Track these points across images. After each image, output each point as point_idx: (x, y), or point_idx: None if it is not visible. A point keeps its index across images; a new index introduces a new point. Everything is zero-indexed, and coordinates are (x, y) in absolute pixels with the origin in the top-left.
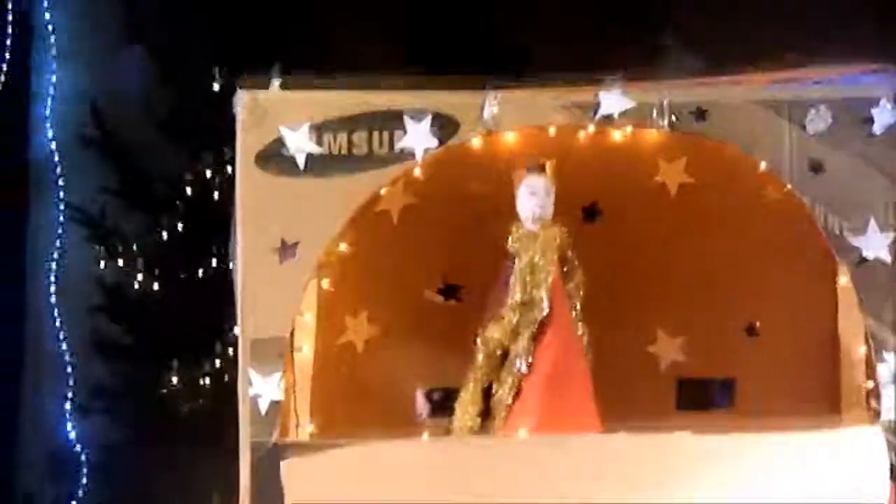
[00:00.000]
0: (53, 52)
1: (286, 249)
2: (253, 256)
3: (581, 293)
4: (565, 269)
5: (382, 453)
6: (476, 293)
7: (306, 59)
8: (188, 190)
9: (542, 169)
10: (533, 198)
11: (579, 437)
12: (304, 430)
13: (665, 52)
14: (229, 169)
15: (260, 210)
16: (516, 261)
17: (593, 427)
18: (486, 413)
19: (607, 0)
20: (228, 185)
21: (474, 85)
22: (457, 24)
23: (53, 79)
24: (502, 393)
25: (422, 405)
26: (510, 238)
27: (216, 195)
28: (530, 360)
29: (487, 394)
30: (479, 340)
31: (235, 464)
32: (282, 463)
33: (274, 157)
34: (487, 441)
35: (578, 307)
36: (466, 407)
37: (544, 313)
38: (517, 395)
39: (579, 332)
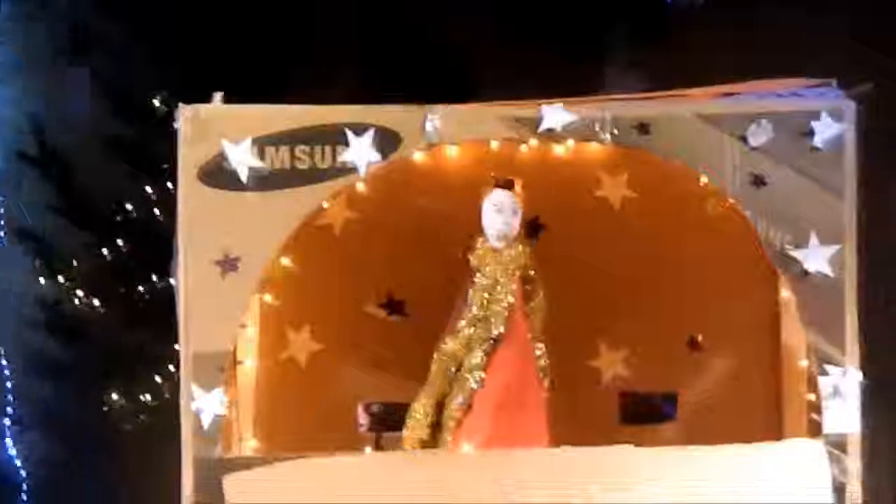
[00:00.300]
0: None
1: (228, 263)
2: (195, 270)
3: (541, 314)
4: (527, 288)
5: (325, 468)
6: (420, 308)
7: (250, 81)
8: (130, 208)
9: (510, 186)
10: (499, 215)
11: (523, 452)
12: (247, 444)
13: (608, 72)
14: (170, 186)
15: (202, 224)
16: (477, 276)
17: (541, 445)
18: (438, 426)
19: (552, 21)
20: (170, 203)
21: (417, 101)
22: (401, 46)
23: None
24: (453, 407)
25: (363, 418)
26: (472, 253)
27: (158, 213)
28: (483, 376)
29: (441, 407)
30: (435, 353)
31: (178, 480)
32: (224, 478)
33: (216, 172)
34: (430, 456)
35: (538, 327)
36: (418, 419)
37: (499, 330)
38: (469, 409)
39: (537, 352)
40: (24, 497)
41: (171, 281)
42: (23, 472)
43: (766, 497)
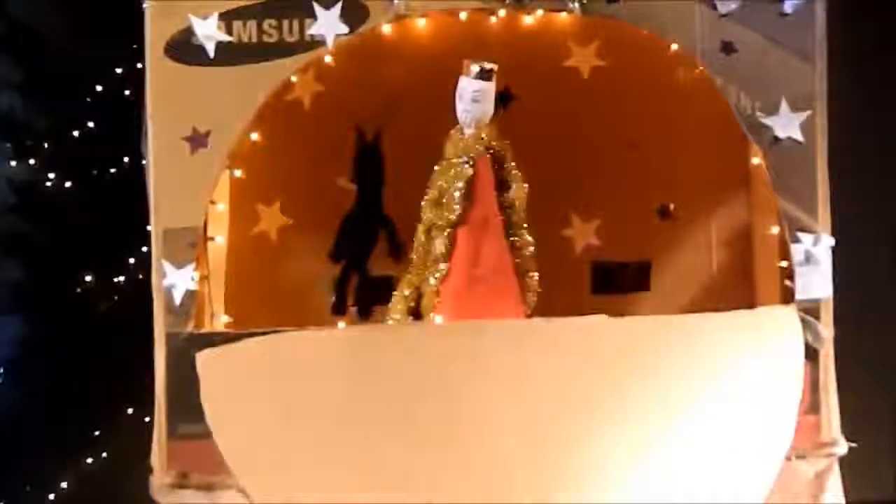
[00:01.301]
0: None
1: (197, 139)
2: (164, 146)
3: (518, 203)
4: (504, 178)
5: (297, 342)
6: (390, 181)
7: None
8: (98, 87)
9: (489, 78)
10: (459, 102)
11: (495, 323)
12: (219, 319)
13: None
14: (139, 66)
15: (170, 100)
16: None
17: None
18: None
19: None
20: (139, 81)
21: None
22: None
23: None
24: (426, 291)
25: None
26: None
27: (127, 91)
28: (443, 266)
29: None
30: (419, 225)
31: (151, 359)
32: (197, 354)
33: (183, 47)
34: (402, 328)
35: (515, 217)
36: (400, 295)
37: (454, 215)
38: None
39: (518, 242)
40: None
41: (143, 162)
42: None
43: (739, 364)
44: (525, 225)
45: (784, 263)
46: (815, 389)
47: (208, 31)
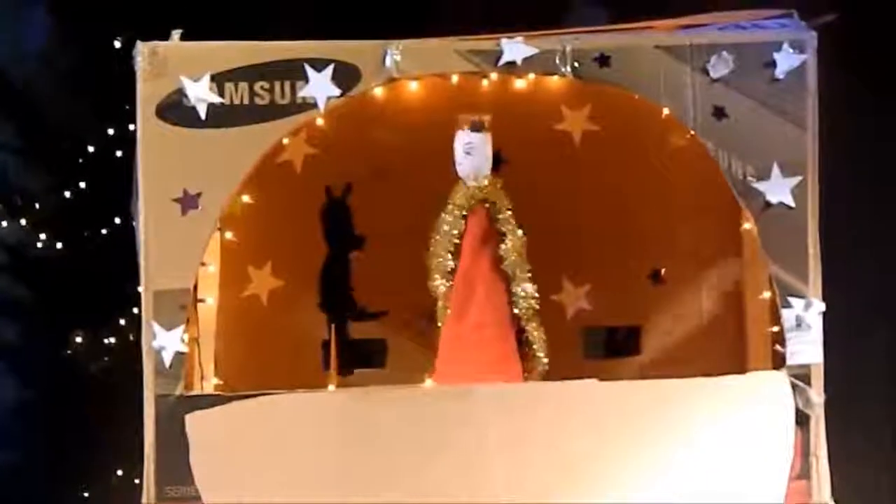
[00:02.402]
0: None
1: (188, 200)
2: (155, 207)
3: (516, 255)
4: (498, 227)
5: (287, 405)
6: (380, 243)
7: (208, 18)
8: (90, 148)
9: (481, 129)
10: (467, 157)
11: (484, 387)
12: (209, 382)
13: (569, 5)
14: (132, 127)
15: (161, 161)
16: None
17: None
18: None
19: None
20: (132, 143)
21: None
22: None
23: None
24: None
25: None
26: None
27: (119, 153)
28: (446, 312)
29: None
30: None
31: (141, 420)
32: (186, 416)
33: (175, 108)
34: (390, 392)
35: (514, 269)
36: None
37: (449, 264)
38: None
39: (520, 293)
40: None
41: (134, 223)
42: None
43: (730, 429)
44: (526, 275)
45: (775, 328)
46: (805, 455)
47: (200, 93)
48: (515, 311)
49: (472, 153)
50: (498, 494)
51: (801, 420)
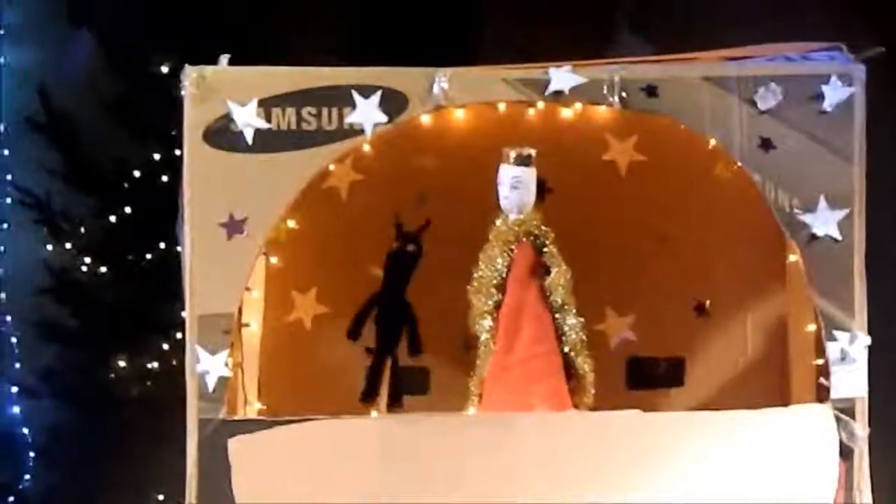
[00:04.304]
0: (1, 32)
1: (234, 225)
2: (201, 232)
3: (562, 288)
4: (543, 260)
5: (330, 431)
6: (425, 270)
7: (254, 45)
8: (136, 173)
9: (528, 164)
10: (514, 191)
11: (527, 416)
12: (252, 407)
13: (617, 38)
14: (177, 152)
15: (207, 186)
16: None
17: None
18: None
19: None
20: (177, 168)
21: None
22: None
23: (1, 61)
24: (475, 375)
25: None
26: None
27: (164, 178)
28: (486, 347)
29: None
30: None
31: (183, 444)
32: (229, 440)
33: (221, 133)
34: (435, 419)
35: (560, 301)
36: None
37: (494, 300)
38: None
39: (565, 327)
40: (31, 464)
41: (178, 248)
42: (29, 439)
43: (774, 462)
44: (572, 309)
45: (820, 361)
46: (849, 488)
47: (247, 118)
48: (564, 344)
49: (518, 187)
50: None
51: (845, 453)
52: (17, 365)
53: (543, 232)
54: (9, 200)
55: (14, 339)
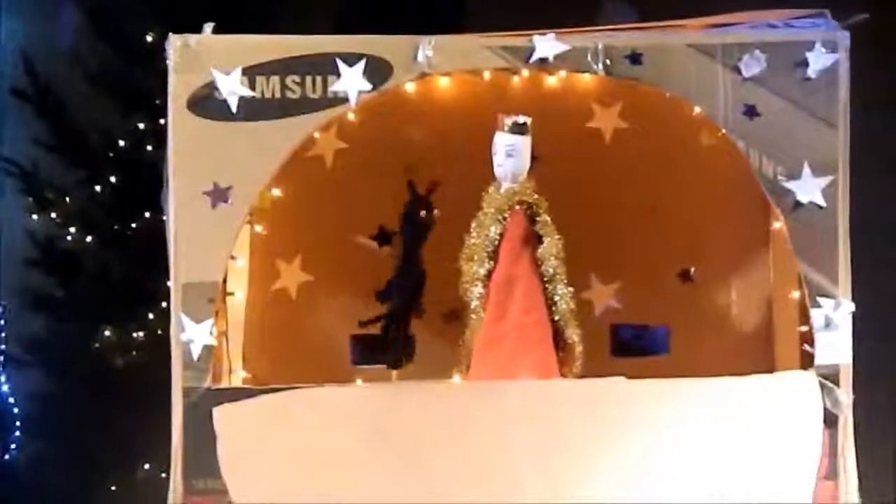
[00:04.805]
0: None
1: (219, 193)
2: (185, 200)
3: (554, 259)
4: (535, 230)
5: (314, 399)
6: None
7: (240, 13)
8: (121, 143)
9: (524, 132)
10: (495, 157)
11: (514, 384)
12: (237, 375)
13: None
14: (162, 121)
15: (192, 154)
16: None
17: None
18: None
19: None
20: (162, 138)
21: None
22: None
23: None
24: (464, 342)
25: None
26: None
27: (149, 147)
28: (476, 316)
29: None
30: None
31: (168, 413)
32: (214, 409)
33: (206, 101)
34: (420, 387)
35: (552, 270)
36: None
37: (485, 268)
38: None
39: (556, 296)
40: (17, 432)
41: (164, 217)
42: (15, 409)
43: (758, 429)
44: (563, 279)
45: (804, 328)
46: (833, 455)
47: (231, 87)
48: (554, 313)
49: (513, 155)
50: (524, 490)
51: (830, 420)
52: (3, 335)
53: (537, 200)
54: None
55: (0, 310)
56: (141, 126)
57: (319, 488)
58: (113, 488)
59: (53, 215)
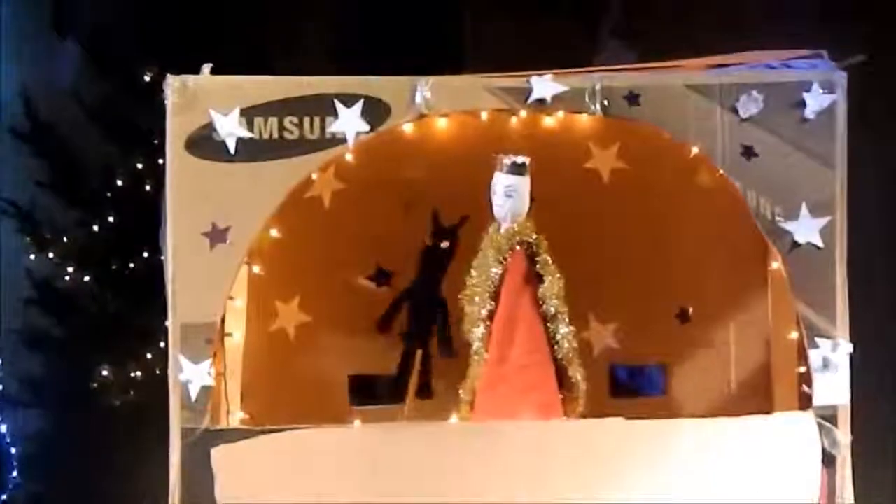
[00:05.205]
0: None
1: (217, 234)
2: (183, 241)
3: (556, 298)
4: (537, 269)
5: (313, 440)
6: (408, 279)
7: (239, 53)
8: (119, 182)
9: (523, 172)
10: (508, 199)
11: (513, 424)
12: (235, 416)
13: (600, 46)
14: (160, 161)
15: (190, 194)
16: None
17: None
18: None
19: None
20: (160, 177)
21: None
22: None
23: None
24: (466, 383)
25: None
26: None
27: (147, 187)
28: (479, 357)
29: None
30: None
31: (166, 453)
32: (212, 450)
33: (204, 142)
34: (418, 428)
35: (554, 310)
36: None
37: (486, 308)
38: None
39: (558, 335)
40: (14, 472)
41: (162, 257)
42: (13, 448)
43: (756, 470)
44: (564, 318)
45: (802, 369)
46: (831, 496)
47: (229, 127)
48: (556, 353)
49: (512, 195)
50: None
51: (828, 461)
52: (1, 374)
53: (537, 240)
54: None
55: None
56: (139, 165)
57: None
58: None
59: (51, 254)
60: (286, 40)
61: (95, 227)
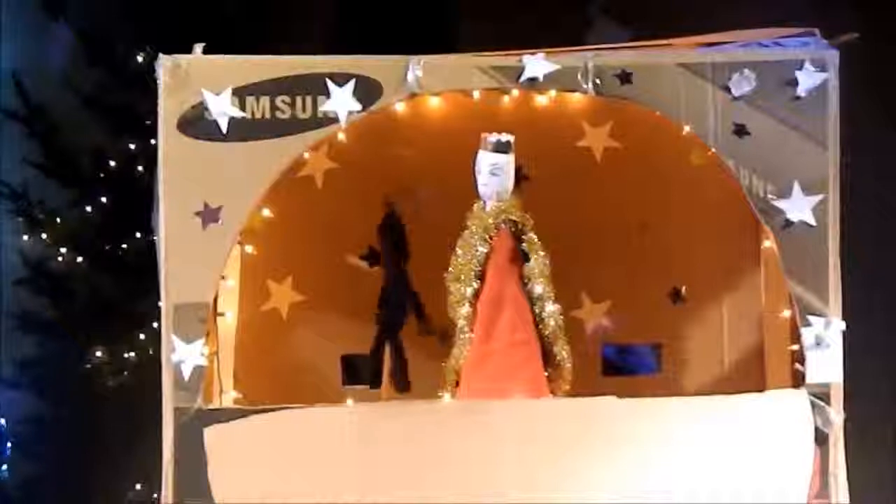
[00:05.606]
0: None
1: (209, 214)
2: (176, 221)
3: (541, 275)
4: (522, 248)
5: (305, 419)
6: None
7: (230, 34)
8: (112, 163)
9: (508, 150)
10: (493, 177)
11: (503, 402)
12: (228, 395)
13: (594, 24)
14: (153, 142)
15: (182, 174)
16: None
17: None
18: None
19: None
20: (152, 158)
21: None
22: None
23: None
24: (450, 362)
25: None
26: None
27: (140, 168)
28: (465, 336)
29: None
30: None
31: (159, 434)
32: (205, 430)
33: (196, 122)
34: (409, 407)
35: (539, 289)
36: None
37: (471, 287)
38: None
39: (545, 313)
40: (8, 453)
41: (154, 238)
42: (6, 429)
43: (749, 448)
44: (550, 297)
45: (795, 347)
46: (824, 473)
47: (221, 107)
48: (542, 331)
49: (497, 174)
50: (508, 496)
51: (820, 439)
52: None
53: (522, 219)
54: None
55: None
56: (132, 147)
57: None
58: None
59: (44, 236)
60: (281, 24)
61: (88, 209)
